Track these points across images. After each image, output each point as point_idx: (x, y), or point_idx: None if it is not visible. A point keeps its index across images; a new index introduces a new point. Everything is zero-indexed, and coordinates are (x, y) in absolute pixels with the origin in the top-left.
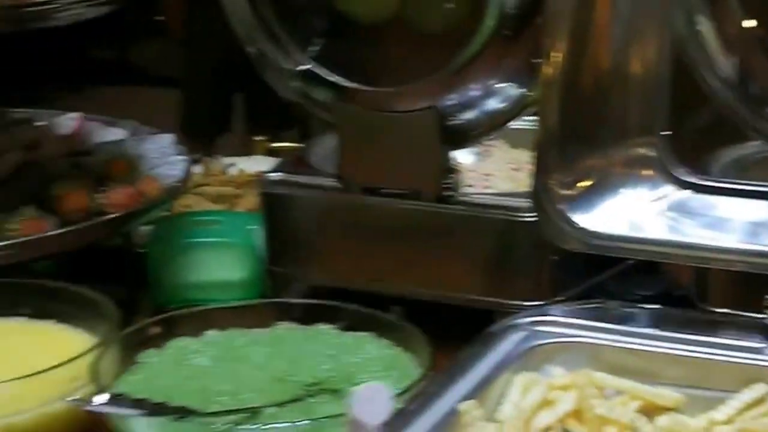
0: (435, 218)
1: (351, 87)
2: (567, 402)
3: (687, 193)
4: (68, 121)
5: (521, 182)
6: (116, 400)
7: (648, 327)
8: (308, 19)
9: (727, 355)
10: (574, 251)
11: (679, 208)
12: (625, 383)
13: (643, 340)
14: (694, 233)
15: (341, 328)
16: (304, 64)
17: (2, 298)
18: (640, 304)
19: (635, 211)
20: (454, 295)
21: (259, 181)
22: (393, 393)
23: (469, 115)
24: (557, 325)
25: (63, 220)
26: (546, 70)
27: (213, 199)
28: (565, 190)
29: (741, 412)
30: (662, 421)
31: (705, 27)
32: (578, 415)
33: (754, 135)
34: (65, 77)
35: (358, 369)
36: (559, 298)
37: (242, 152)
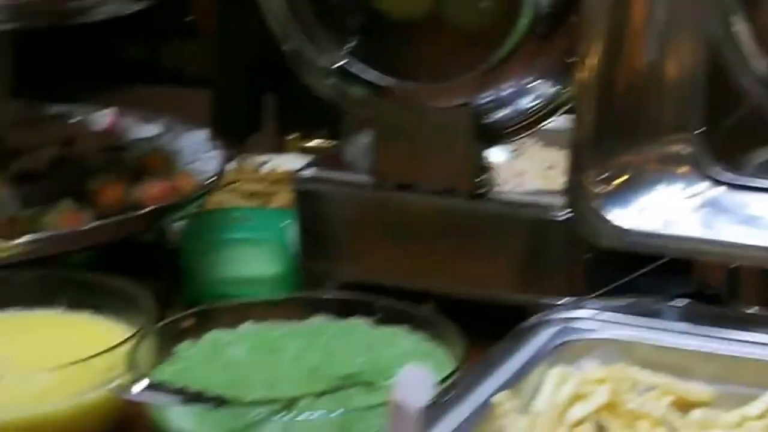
0: (468, 215)
1: (386, 84)
2: (601, 396)
3: (721, 191)
4: (103, 117)
5: (554, 181)
6: (155, 387)
7: (680, 323)
8: (344, 17)
9: (759, 351)
10: (607, 250)
11: (713, 206)
12: (658, 378)
13: (676, 336)
14: (727, 231)
15: (375, 322)
16: (340, 61)
17: (39, 289)
18: (673, 301)
19: (669, 209)
20: (487, 293)
21: (293, 178)
22: (435, 376)
23: (503, 113)
24: (590, 321)
25: (99, 213)
26: (581, 68)
27: (246, 196)
28: (599, 187)
29: None
30: (695, 415)
31: (740, 27)
32: (611, 409)
33: None
34: (96, 76)
35: (392, 362)
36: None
37: (274, 151)
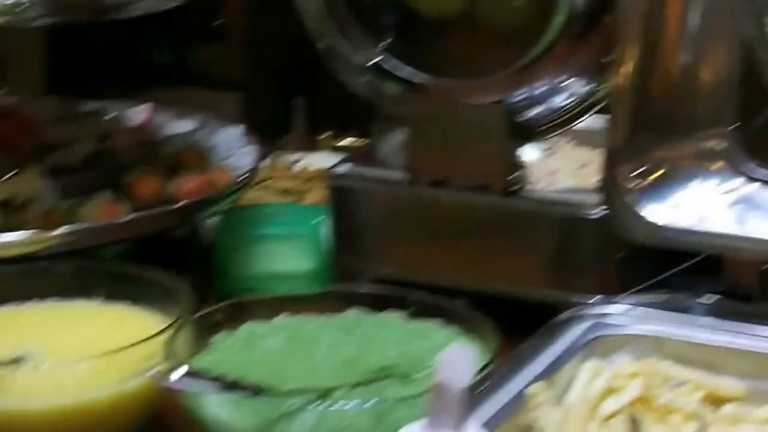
0: (502, 212)
1: (421, 81)
2: (633, 390)
3: (755, 187)
4: (137, 114)
5: (587, 180)
6: (193, 375)
7: (712, 319)
8: (379, 14)
9: None
10: (639, 249)
11: (747, 202)
12: (690, 373)
13: (707, 332)
14: (761, 227)
15: (409, 316)
16: (375, 58)
17: (77, 280)
18: (705, 298)
19: (703, 205)
20: (518, 290)
21: (327, 174)
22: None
23: (536, 111)
24: (623, 316)
25: (135, 207)
26: (617, 67)
27: (279, 193)
28: (634, 182)
29: None
30: (726, 410)
31: None
32: (644, 403)
33: None
34: (126, 79)
35: (426, 355)
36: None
37: (304, 151)
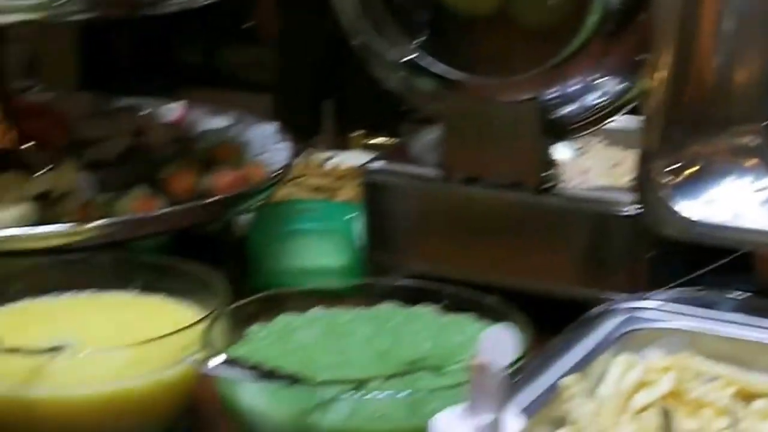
0: (535, 209)
1: (455, 78)
2: (665, 384)
3: None
4: (172, 110)
5: (618, 179)
6: (230, 363)
7: (744, 315)
8: (414, 12)
9: None
10: (670, 248)
11: None
12: (722, 369)
13: (740, 328)
14: None
15: (442, 309)
16: (409, 55)
17: (115, 272)
18: (737, 294)
19: (737, 201)
20: (549, 287)
21: (361, 170)
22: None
23: (569, 109)
24: (656, 311)
25: (171, 201)
26: (653, 64)
27: (311, 190)
28: (668, 178)
29: None
30: (757, 405)
31: None
32: (675, 397)
33: None
34: (158, 80)
35: (459, 348)
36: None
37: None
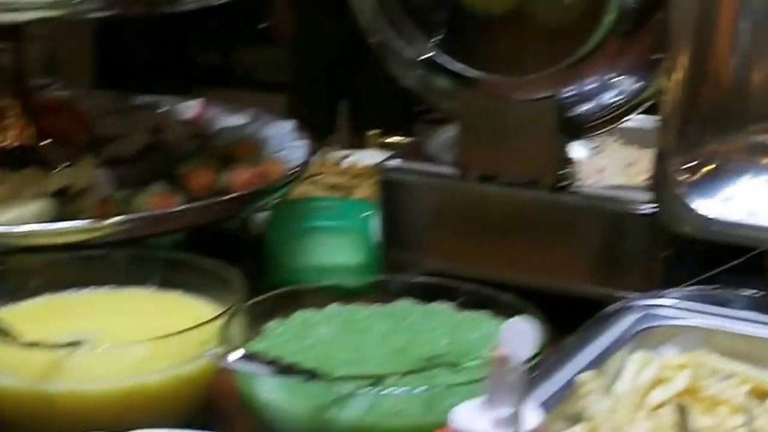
0: (551, 207)
1: (472, 76)
2: (681, 381)
3: None
4: (189, 108)
5: (634, 178)
6: (249, 358)
7: (759, 314)
8: (431, 10)
9: None
10: (685, 247)
11: None
12: (737, 366)
13: (755, 326)
14: None
15: (458, 306)
16: (427, 53)
17: (132, 268)
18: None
19: (753, 199)
20: (565, 285)
21: (377, 168)
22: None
23: (586, 107)
24: (671, 309)
25: (189, 197)
26: (669, 65)
27: (327, 188)
28: (684, 176)
29: None
30: None
31: None
32: (691, 394)
33: None
34: (173, 80)
35: (475, 345)
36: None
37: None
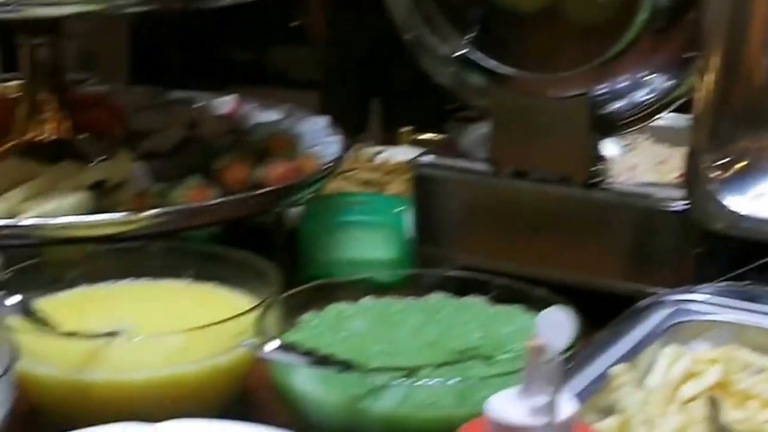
0: (582, 204)
1: (506, 72)
2: (712, 375)
3: None
4: (224, 103)
5: (665, 175)
6: (285, 348)
7: None
8: (465, 7)
9: None
10: (717, 244)
11: None
12: None
13: None
14: None
15: (491, 300)
16: (461, 50)
17: (168, 260)
18: None
19: None
20: (597, 281)
21: (411, 164)
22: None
23: (618, 105)
24: (703, 304)
25: (225, 191)
26: (702, 63)
27: (360, 184)
28: (716, 172)
29: None
30: None
31: None
32: (722, 388)
33: None
34: (205, 78)
35: (509, 338)
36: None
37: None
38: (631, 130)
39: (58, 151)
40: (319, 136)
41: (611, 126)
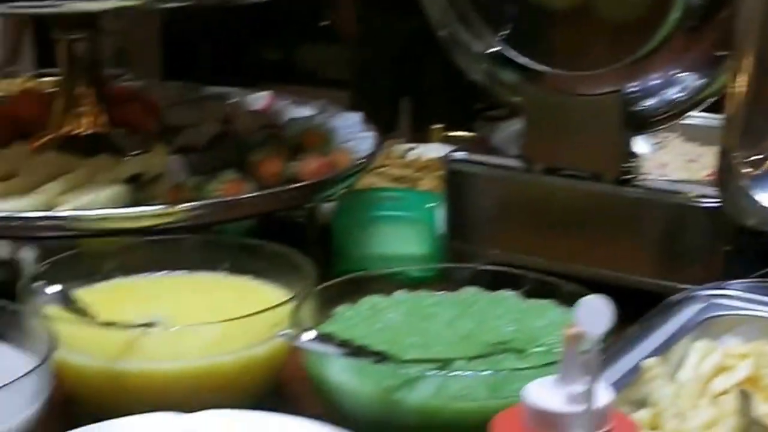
0: (614, 200)
1: (539, 69)
2: (743, 369)
3: None
4: (258, 99)
5: (696, 173)
6: (322, 339)
7: None
8: (499, 4)
9: None
10: (747, 241)
11: None
12: None
13: None
14: None
15: (524, 295)
16: (495, 47)
17: (203, 253)
18: None
19: None
20: (627, 277)
21: (443, 160)
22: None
23: (649, 102)
24: (735, 300)
25: (259, 185)
26: (735, 62)
27: (392, 180)
28: (749, 169)
29: None
30: None
31: None
32: (753, 383)
33: None
34: (236, 76)
35: (541, 332)
36: None
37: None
38: (662, 127)
39: (95, 144)
40: (353, 132)
41: (643, 123)
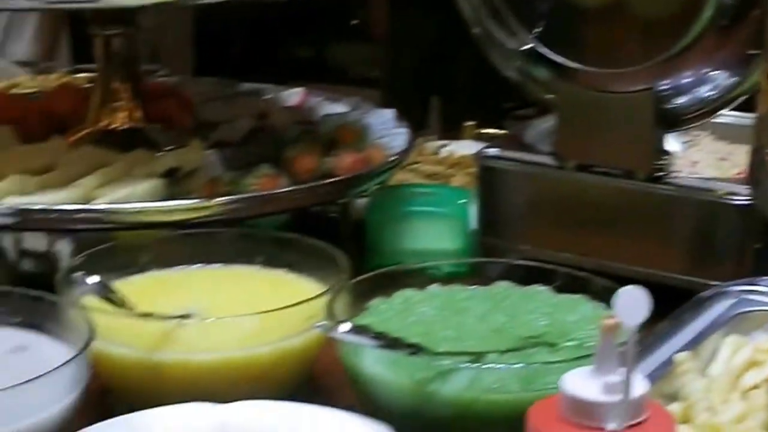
0: (645, 197)
1: (571, 67)
2: None
3: None
4: (293, 95)
5: (726, 171)
6: (357, 331)
7: None
8: (532, 1)
9: None
10: None
11: None
12: None
13: None
14: None
15: (556, 290)
16: (528, 44)
17: (239, 246)
18: None
19: None
20: (658, 274)
21: (476, 156)
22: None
23: (681, 100)
24: (765, 295)
25: (294, 180)
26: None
27: (425, 176)
28: None
29: None
30: None
31: None
32: None
33: None
34: (266, 71)
35: (573, 327)
36: None
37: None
38: (693, 125)
39: (131, 139)
40: (386, 128)
41: (674, 121)
